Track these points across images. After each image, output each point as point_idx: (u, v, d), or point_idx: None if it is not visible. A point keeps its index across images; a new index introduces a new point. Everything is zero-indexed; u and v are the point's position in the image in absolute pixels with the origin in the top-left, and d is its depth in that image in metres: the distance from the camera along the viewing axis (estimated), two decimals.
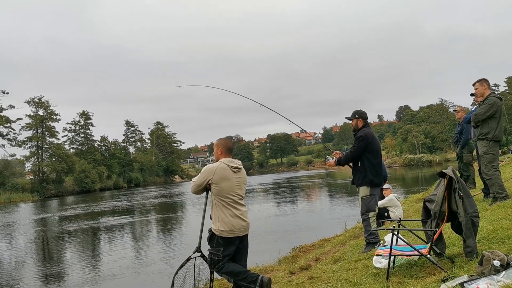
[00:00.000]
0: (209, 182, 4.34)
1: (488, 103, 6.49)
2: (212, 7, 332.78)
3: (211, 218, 4.49)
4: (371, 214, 5.89)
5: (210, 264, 4.43)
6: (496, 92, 7.67)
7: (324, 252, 7.29)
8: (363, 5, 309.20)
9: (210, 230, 4.43)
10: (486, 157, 6.54)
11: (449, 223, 4.24)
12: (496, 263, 3.20)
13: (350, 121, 6.28)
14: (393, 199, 8.05)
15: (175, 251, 11.65)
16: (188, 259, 4.63)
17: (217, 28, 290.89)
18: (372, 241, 5.84)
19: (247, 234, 4.50)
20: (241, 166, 4.52)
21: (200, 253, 4.63)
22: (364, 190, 5.98)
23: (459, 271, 3.62)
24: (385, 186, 8.14)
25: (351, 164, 6.20)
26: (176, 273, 4.61)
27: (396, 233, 4.28)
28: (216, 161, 4.54)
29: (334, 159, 6.43)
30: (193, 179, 4.51)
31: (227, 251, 4.30)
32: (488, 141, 6.51)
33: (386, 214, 7.87)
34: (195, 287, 4.84)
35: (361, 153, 5.97)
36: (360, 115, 6.17)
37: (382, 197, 7.88)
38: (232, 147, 4.64)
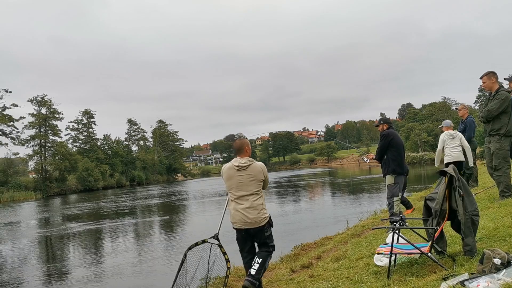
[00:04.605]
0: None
1: (500, 98, 6.37)
2: (214, 6, 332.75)
3: None
4: (395, 199, 7.00)
5: None
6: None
7: (325, 250, 7.30)
8: (365, 3, 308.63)
9: None
10: (500, 153, 6.44)
11: (450, 222, 4.24)
12: (497, 261, 3.20)
13: (377, 127, 7.51)
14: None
15: (177, 249, 11.67)
16: (203, 241, 4.96)
17: (219, 26, 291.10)
18: None
19: (255, 228, 4.64)
20: (246, 164, 4.70)
21: (218, 242, 4.96)
22: (389, 179, 7.08)
23: (460, 269, 3.62)
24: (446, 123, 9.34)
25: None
26: (190, 248, 4.92)
27: (397, 231, 4.28)
28: None
29: (368, 160, 8.26)
30: None
31: (238, 238, 4.80)
32: (500, 136, 6.42)
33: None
34: (208, 274, 5.09)
35: (386, 149, 7.11)
36: (385, 121, 7.49)
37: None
38: (240, 146, 4.85)
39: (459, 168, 8.99)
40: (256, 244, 4.83)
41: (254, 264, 4.59)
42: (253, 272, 4.54)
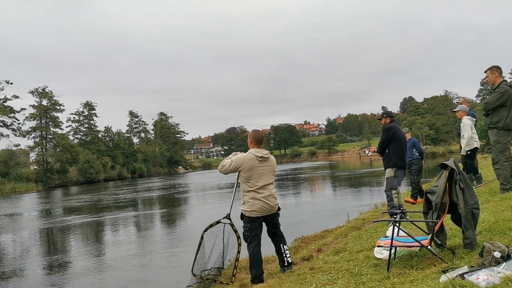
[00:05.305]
0: (239, 169, 5.09)
1: (499, 91, 6.36)
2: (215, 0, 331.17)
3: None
4: (393, 191, 7.12)
5: (244, 238, 5.19)
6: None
7: (326, 243, 7.30)
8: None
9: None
10: (497, 146, 6.43)
11: (450, 215, 4.24)
12: (497, 254, 3.20)
13: (380, 120, 7.58)
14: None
15: (177, 242, 11.71)
16: (217, 222, 5.40)
17: (222, 19, 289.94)
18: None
19: (272, 214, 5.21)
20: (268, 156, 5.13)
21: (229, 221, 5.40)
22: (389, 172, 7.18)
23: (460, 262, 3.62)
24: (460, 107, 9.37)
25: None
26: (205, 230, 5.31)
27: (397, 224, 4.28)
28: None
29: (370, 153, 8.19)
30: (222, 162, 5.21)
31: (253, 227, 5.09)
32: (499, 130, 6.40)
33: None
34: (223, 253, 5.52)
35: (388, 142, 7.19)
36: (387, 114, 7.58)
37: (418, 171, 10.19)
38: (261, 138, 5.36)
39: (475, 154, 9.11)
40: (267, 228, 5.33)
41: (285, 252, 5.32)
42: (290, 260, 5.38)
